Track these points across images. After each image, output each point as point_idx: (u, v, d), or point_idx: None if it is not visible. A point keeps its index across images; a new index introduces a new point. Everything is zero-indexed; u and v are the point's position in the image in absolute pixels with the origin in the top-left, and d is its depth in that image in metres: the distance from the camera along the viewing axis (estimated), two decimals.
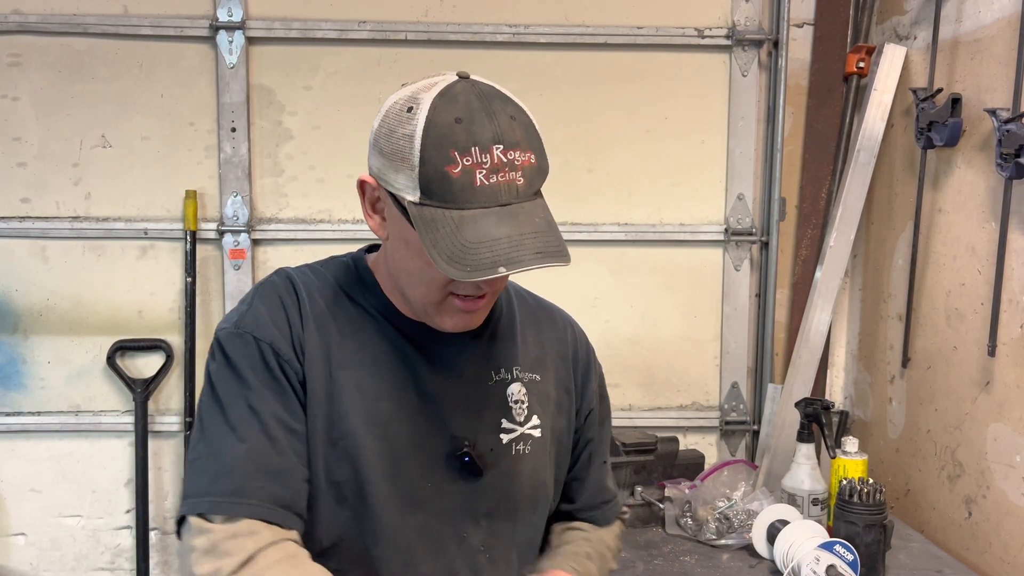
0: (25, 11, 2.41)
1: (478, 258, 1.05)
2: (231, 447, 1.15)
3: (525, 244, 1.06)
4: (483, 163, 1.07)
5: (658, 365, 2.67)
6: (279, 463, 1.16)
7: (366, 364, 1.22)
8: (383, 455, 1.21)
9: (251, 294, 1.27)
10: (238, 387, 1.18)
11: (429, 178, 1.07)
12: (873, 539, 1.87)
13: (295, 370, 1.19)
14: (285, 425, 1.17)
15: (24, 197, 2.47)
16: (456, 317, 1.20)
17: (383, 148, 1.13)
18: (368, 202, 1.20)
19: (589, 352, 1.43)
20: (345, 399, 1.20)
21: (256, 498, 1.13)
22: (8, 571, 2.56)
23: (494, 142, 1.07)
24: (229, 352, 1.20)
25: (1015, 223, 1.91)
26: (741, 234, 2.61)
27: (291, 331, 1.20)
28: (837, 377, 2.72)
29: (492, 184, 1.07)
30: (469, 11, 2.50)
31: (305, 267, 1.30)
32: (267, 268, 2.53)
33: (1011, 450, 1.93)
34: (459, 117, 1.08)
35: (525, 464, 1.30)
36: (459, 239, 1.06)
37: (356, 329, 1.24)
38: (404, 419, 1.23)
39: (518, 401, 1.30)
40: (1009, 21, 1.95)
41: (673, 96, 2.58)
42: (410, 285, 1.19)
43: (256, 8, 2.46)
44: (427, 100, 1.10)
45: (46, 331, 2.51)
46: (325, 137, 2.51)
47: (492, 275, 1.04)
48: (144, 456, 2.49)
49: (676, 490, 2.19)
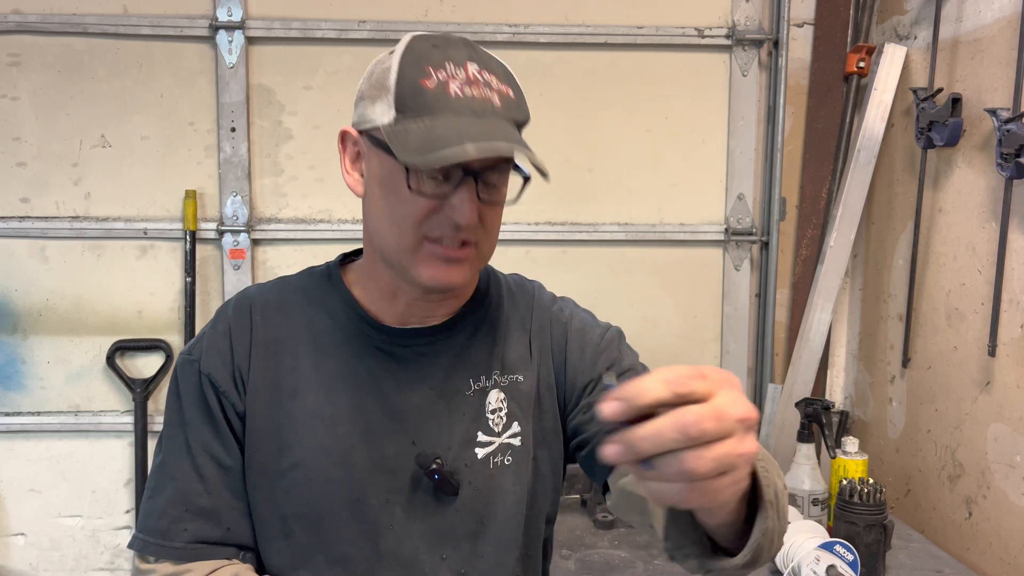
0: (25, 11, 2.41)
1: (446, 143, 0.99)
2: (164, 484, 1.16)
3: (497, 134, 1.01)
4: (456, 76, 1.04)
5: (658, 365, 2.65)
6: (207, 503, 1.15)
7: (323, 389, 1.17)
8: (341, 483, 1.15)
9: (214, 316, 1.25)
10: (178, 419, 1.19)
11: (403, 94, 1.05)
12: (873, 539, 1.87)
13: (231, 403, 1.17)
14: (217, 461, 1.16)
15: (24, 197, 2.47)
16: (434, 267, 1.10)
17: (364, 92, 1.12)
18: (348, 157, 1.16)
19: (565, 322, 1.27)
20: (296, 429, 1.16)
21: (180, 540, 1.13)
22: (8, 571, 2.56)
23: (470, 60, 1.06)
24: (179, 379, 1.20)
25: (1015, 223, 1.91)
26: (741, 234, 2.61)
27: (233, 361, 1.18)
28: (837, 377, 2.72)
29: (467, 97, 1.04)
30: (469, 11, 2.50)
31: (277, 280, 1.27)
32: (267, 268, 2.53)
33: (1011, 450, 1.93)
34: (436, 44, 1.07)
35: (506, 477, 1.20)
36: (431, 136, 1.01)
37: (316, 348, 1.19)
38: (364, 443, 1.16)
39: (496, 410, 1.21)
40: (1009, 21, 1.95)
41: (673, 96, 2.58)
42: (383, 233, 1.11)
43: (256, 8, 2.46)
44: (407, 37, 1.10)
45: (46, 331, 2.51)
46: (325, 137, 2.51)
47: (460, 157, 0.98)
48: (144, 456, 2.49)
49: None
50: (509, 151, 1.01)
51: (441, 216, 1.07)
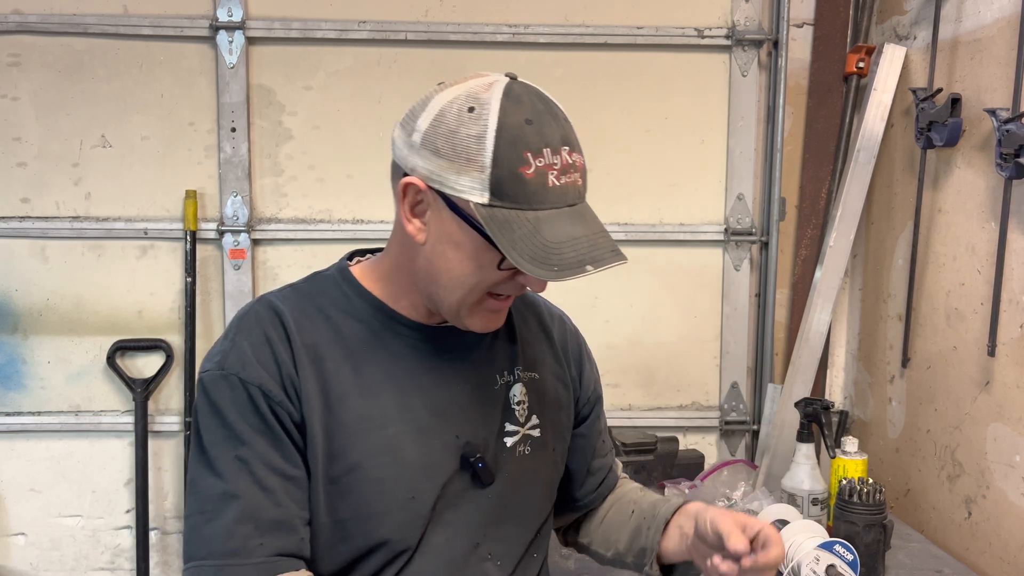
0: (25, 11, 2.41)
1: (563, 257, 1.05)
2: (223, 505, 1.12)
3: (600, 243, 1.08)
4: (554, 164, 1.07)
5: (658, 365, 2.67)
6: (277, 514, 1.13)
7: (366, 392, 1.19)
8: (396, 482, 1.18)
9: (232, 329, 1.21)
10: (225, 437, 1.14)
11: (501, 179, 1.06)
12: (873, 539, 1.87)
13: (287, 411, 1.15)
14: (280, 472, 1.14)
15: (24, 197, 2.47)
16: (487, 317, 1.19)
17: (440, 149, 1.08)
18: (408, 205, 1.14)
19: (579, 341, 1.43)
20: (347, 433, 1.17)
21: (258, 555, 1.11)
22: (8, 571, 2.56)
23: (563, 143, 1.09)
24: (215, 398, 1.15)
25: (1015, 223, 1.91)
26: (741, 234, 2.61)
27: (280, 369, 1.16)
28: (837, 377, 2.72)
29: (562, 185, 1.08)
30: (469, 11, 2.50)
31: (288, 290, 1.26)
32: (267, 268, 2.53)
33: (1011, 450, 1.93)
34: (528, 118, 1.07)
35: (527, 465, 1.29)
36: (539, 239, 1.05)
37: (351, 353, 1.20)
38: (414, 441, 1.19)
39: (520, 402, 1.29)
40: (1009, 21, 1.95)
41: (673, 96, 2.58)
42: (449, 288, 1.15)
43: (256, 8, 2.46)
44: (493, 101, 1.07)
45: (46, 331, 2.51)
46: (325, 137, 2.51)
47: (580, 274, 1.05)
48: (144, 456, 2.49)
49: (676, 490, 2.19)
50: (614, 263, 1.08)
51: (512, 282, 1.15)
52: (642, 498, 1.43)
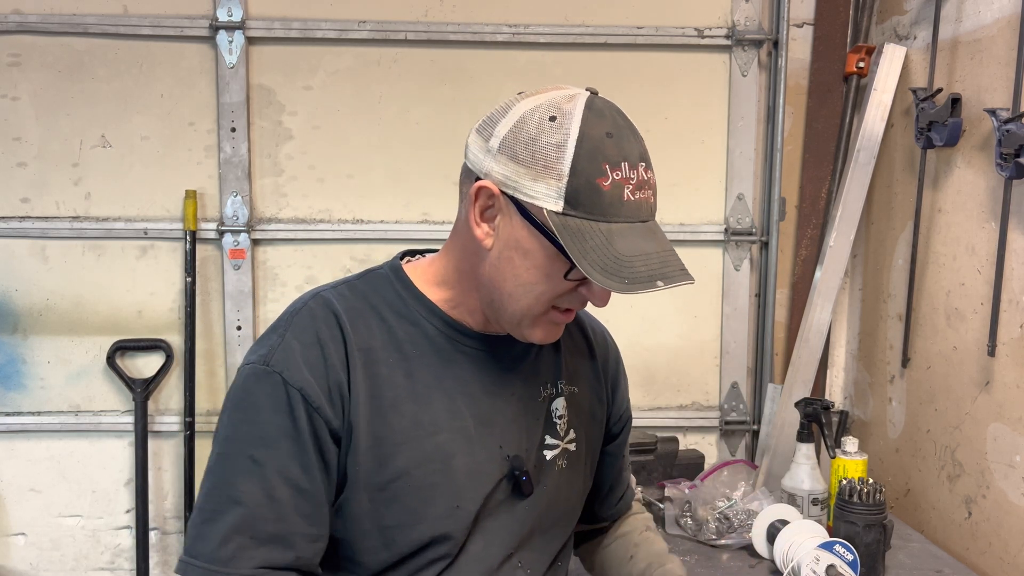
0: (25, 11, 2.41)
1: (634, 271, 1.06)
2: (227, 507, 1.11)
3: (670, 261, 1.10)
4: (631, 179, 1.09)
5: (658, 365, 2.67)
6: (277, 528, 1.11)
7: (419, 397, 1.18)
8: (444, 490, 1.17)
9: (284, 323, 1.18)
10: (248, 434, 1.12)
11: (578, 189, 1.06)
12: (873, 539, 1.87)
13: (325, 419, 1.12)
14: (293, 484, 1.12)
15: (24, 197, 2.47)
16: (548, 329, 1.19)
17: (518, 155, 1.09)
18: (479, 209, 1.13)
19: (618, 359, 1.45)
20: (397, 439, 1.16)
21: (249, 566, 1.10)
22: (8, 571, 2.56)
23: (641, 160, 1.11)
24: (252, 391, 1.13)
25: (1015, 223, 1.91)
26: (741, 234, 2.61)
27: (328, 374, 1.13)
28: (837, 377, 2.72)
29: (637, 200, 1.10)
30: (469, 11, 2.50)
31: (343, 287, 1.23)
32: (267, 268, 2.53)
33: (1011, 450, 1.93)
34: (610, 132, 1.09)
35: (563, 478, 1.30)
36: (611, 251, 1.06)
37: (404, 357, 1.18)
38: (462, 449, 1.19)
39: (561, 416, 1.30)
40: (1009, 21, 1.95)
41: (673, 96, 2.58)
42: (514, 296, 1.14)
43: (256, 8, 2.46)
44: (576, 112, 1.09)
45: (46, 331, 2.51)
46: (325, 137, 2.51)
47: (651, 289, 1.06)
48: (144, 456, 2.49)
49: (676, 490, 2.19)
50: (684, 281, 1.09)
51: (576, 295, 1.15)
52: (643, 542, 1.45)
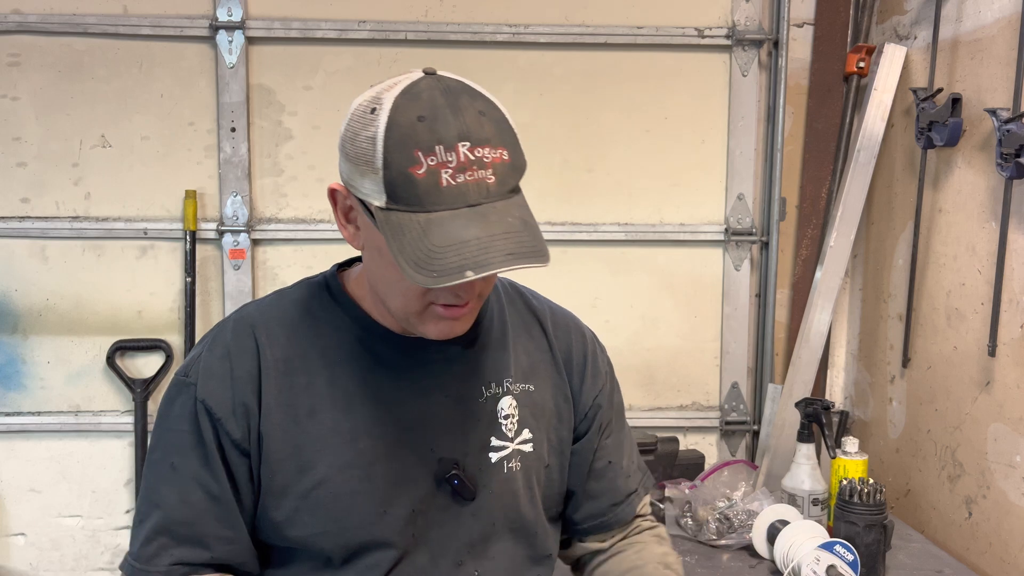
0: (25, 11, 2.41)
1: (445, 263, 0.98)
2: (150, 510, 1.16)
3: (495, 246, 0.99)
4: (448, 162, 0.99)
5: (658, 365, 2.67)
6: (191, 532, 1.14)
7: (340, 404, 1.16)
8: (367, 497, 1.16)
9: (208, 336, 1.21)
10: (168, 442, 1.17)
11: (394, 181, 1.00)
12: (873, 539, 1.87)
13: (226, 431, 1.14)
14: (206, 489, 1.14)
15: (24, 197, 2.47)
16: (440, 324, 1.12)
17: (348, 153, 1.06)
18: (341, 211, 1.12)
19: (588, 352, 1.33)
20: (317, 447, 1.15)
21: (166, 563, 1.14)
22: (8, 571, 2.56)
23: (460, 139, 1.00)
24: (173, 401, 1.17)
25: (1015, 223, 1.91)
26: (741, 234, 2.61)
27: (233, 387, 1.14)
28: (837, 377, 2.72)
29: (459, 184, 1.00)
30: (469, 11, 2.50)
31: (274, 296, 1.24)
32: (267, 268, 2.53)
33: (1011, 450, 1.93)
34: (422, 115, 1.01)
35: (517, 482, 1.24)
36: (425, 244, 0.99)
37: (327, 363, 1.17)
38: (386, 455, 1.17)
39: (508, 416, 1.24)
40: (1009, 21, 1.95)
41: (673, 96, 2.58)
42: (389, 295, 1.12)
43: (256, 8, 2.46)
44: (389, 99, 1.03)
45: (46, 331, 2.51)
46: (325, 137, 2.51)
47: (459, 280, 0.97)
48: (144, 456, 2.48)
49: (676, 490, 2.19)
50: (504, 267, 0.98)
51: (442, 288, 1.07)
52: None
